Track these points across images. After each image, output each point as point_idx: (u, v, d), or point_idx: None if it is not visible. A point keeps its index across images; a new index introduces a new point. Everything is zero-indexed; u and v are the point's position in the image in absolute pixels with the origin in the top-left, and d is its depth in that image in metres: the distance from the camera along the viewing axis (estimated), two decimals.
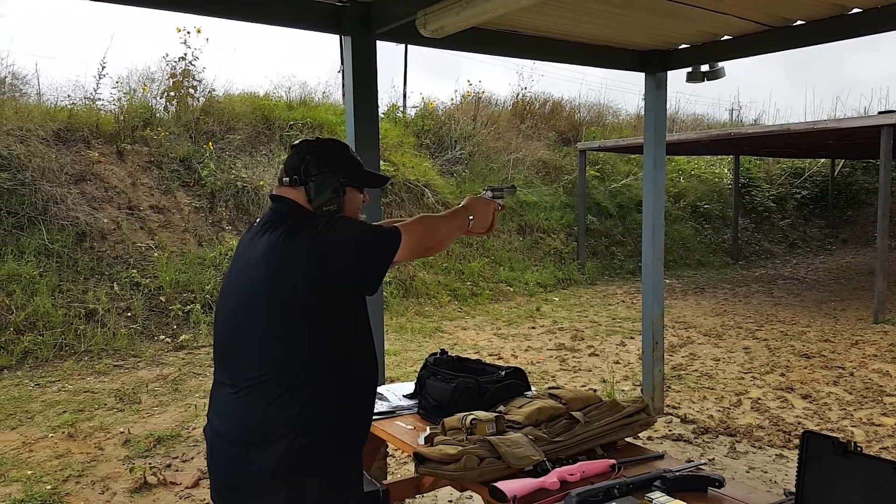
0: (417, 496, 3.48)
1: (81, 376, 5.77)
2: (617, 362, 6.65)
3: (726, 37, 4.27)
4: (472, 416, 2.30)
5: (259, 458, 1.66)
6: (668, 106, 5.11)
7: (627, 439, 2.53)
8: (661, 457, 2.41)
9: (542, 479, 2.08)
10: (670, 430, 4.66)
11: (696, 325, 8.32)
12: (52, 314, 6.30)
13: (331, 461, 1.69)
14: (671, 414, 5.04)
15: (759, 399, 5.36)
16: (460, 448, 2.16)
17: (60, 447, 4.34)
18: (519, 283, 10.29)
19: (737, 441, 4.49)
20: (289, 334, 1.68)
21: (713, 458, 4.19)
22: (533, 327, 8.17)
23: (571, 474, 2.13)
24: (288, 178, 1.81)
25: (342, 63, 13.80)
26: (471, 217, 2.02)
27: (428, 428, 2.53)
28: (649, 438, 4.49)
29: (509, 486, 2.01)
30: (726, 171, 15.79)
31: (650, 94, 4.77)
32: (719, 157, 15.84)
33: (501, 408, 2.52)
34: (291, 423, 1.65)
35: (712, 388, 5.71)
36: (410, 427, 2.67)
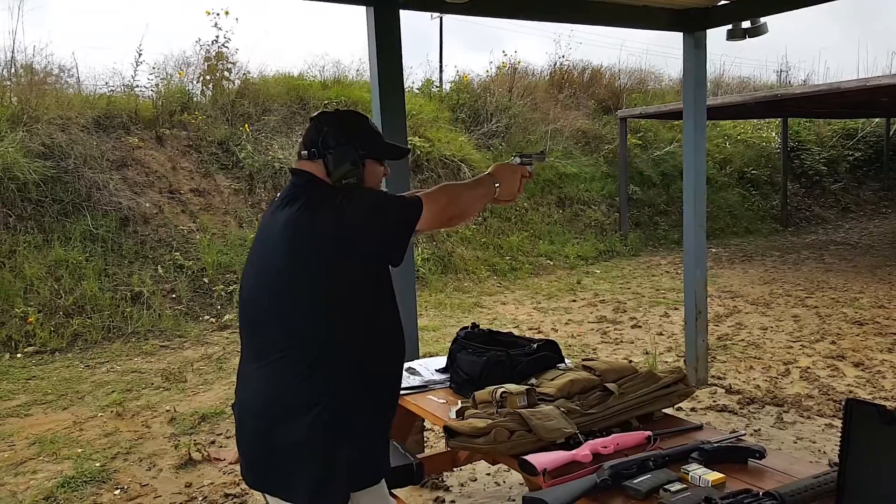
0: (455, 469, 3.48)
1: (129, 357, 5.93)
2: (660, 333, 6.53)
3: None
4: (502, 389, 2.26)
5: (285, 433, 1.65)
6: (712, 69, 4.93)
7: (665, 410, 2.46)
8: (699, 428, 2.33)
9: (574, 451, 2.03)
10: (715, 401, 4.55)
11: (743, 293, 8.10)
12: (99, 297, 6.47)
13: (355, 435, 1.67)
14: (716, 385, 4.91)
15: (809, 368, 5.19)
16: (490, 421, 2.13)
17: (109, 426, 4.46)
18: (559, 257, 10.16)
19: (784, 411, 4.36)
20: (310, 308, 1.66)
21: (759, 429, 4.07)
22: (574, 300, 8.06)
23: (605, 447, 2.08)
24: (306, 151, 1.78)
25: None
26: (497, 184, 1.96)
27: (459, 402, 2.51)
28: (693, 410, 4.39)
29: (539, 459, 1.97)
30: (774, 134, 15.24)
31: (689, 56, 4.59)
32: (767, 120, 15.28)
33: (533, 380, 2.48)
34: (315, 398, 1.64)
35: (759, 358, 5.55)
36: (443, 401, 2.65)
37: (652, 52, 30.08)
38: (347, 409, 1.66)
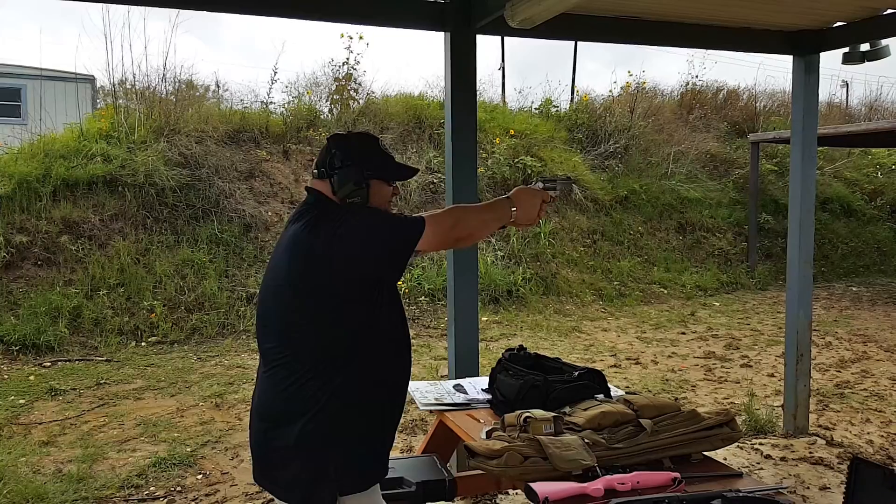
0: (509, 493, 3.45)
1: (237, 353, 6.38)
2: (772, 375, 6.10)
3: (890, 10, 3.74)
4: (526, 414, 2.25)
5: (280, 435, 1.75)
6: (867, 92, 4.59)
7: (707, 454, 2.33)
8: (739, 476, 2.20)
9: (585, 484, 1.99)
10: (810, 453, 4.19)
11: (877, 339, 7.38)
12: (217, 296, 7.03)
13: (345, 442, 1.74)
14: (818, 435, 4.52)
15: None
16: (505, 444, 2.13)
17: (206, 415, 4.84)
18: (675, 285, 9.73)
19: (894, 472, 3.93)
20: (306, 320, 1.75)
21: None
22: (683, 333, 7.70)
23: (622, 483, 2.01)
24: (317, 171, 1.89)
25: (503, 60, 13.89)
26: (514, 208, 1.97)
27: (493, 422, 2.51)
28: (783, 459, 4.07)
29: (543, 488, 1.94)
30: None
31: (798, 80, 4.31)
32: None
33: (567, 409, 2.43)
34: (307, 405, 1.73)
35: (881, 411, 5.05)
36: (481, 421, 2.66)
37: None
38: (338, 418, 1.73)
